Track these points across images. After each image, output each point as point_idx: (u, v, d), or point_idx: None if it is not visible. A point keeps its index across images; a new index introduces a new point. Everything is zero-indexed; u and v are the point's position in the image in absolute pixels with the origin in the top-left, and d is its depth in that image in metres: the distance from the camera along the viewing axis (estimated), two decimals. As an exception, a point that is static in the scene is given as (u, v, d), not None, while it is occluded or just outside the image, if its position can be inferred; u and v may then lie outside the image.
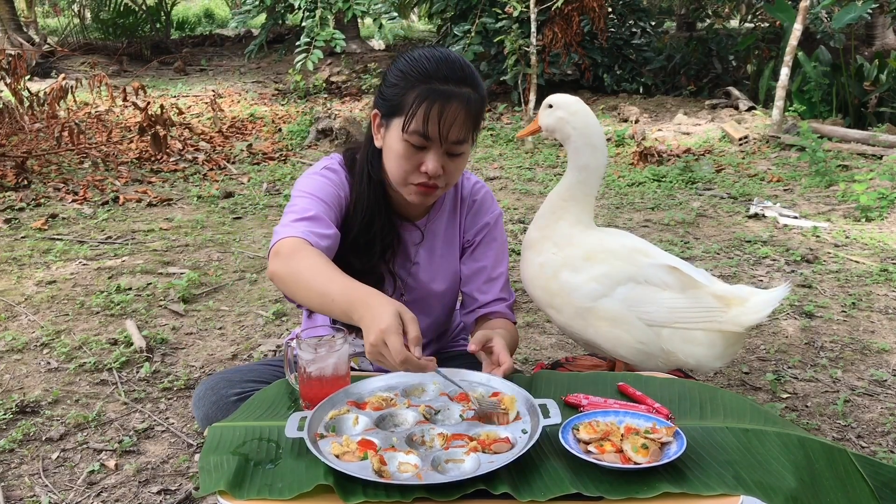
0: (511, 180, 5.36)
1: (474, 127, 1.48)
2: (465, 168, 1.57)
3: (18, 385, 2.50)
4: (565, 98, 1.84)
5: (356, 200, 1.56)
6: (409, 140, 1.43)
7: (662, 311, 1.71)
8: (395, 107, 1.45)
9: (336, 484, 1.08)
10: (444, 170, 1.46)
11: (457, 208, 1.72)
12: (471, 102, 1.43)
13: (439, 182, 1.47)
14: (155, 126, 5.78)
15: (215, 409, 1.50)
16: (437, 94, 1.40)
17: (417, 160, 1.45)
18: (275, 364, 1.68)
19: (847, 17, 6.69)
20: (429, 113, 1.40)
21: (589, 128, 1.79)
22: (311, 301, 1.33)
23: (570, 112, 1.80)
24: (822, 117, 6.77)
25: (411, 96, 1.42)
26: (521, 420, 1.24)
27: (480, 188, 1.74)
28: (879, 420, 2.28)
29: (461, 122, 1.43)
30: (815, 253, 3.69)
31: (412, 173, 1.46)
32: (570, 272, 1.74)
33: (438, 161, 1.44)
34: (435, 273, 1.67)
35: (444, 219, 1.70)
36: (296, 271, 1.34)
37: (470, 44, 7.51)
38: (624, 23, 9.02)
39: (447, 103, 1.40)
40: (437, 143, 1.43)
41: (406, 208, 1.63)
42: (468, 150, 1.51)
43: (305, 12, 7.37)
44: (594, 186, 1.81)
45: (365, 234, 1.56)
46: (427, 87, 1.41)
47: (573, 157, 1.81)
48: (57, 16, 16.06)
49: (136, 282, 3.39)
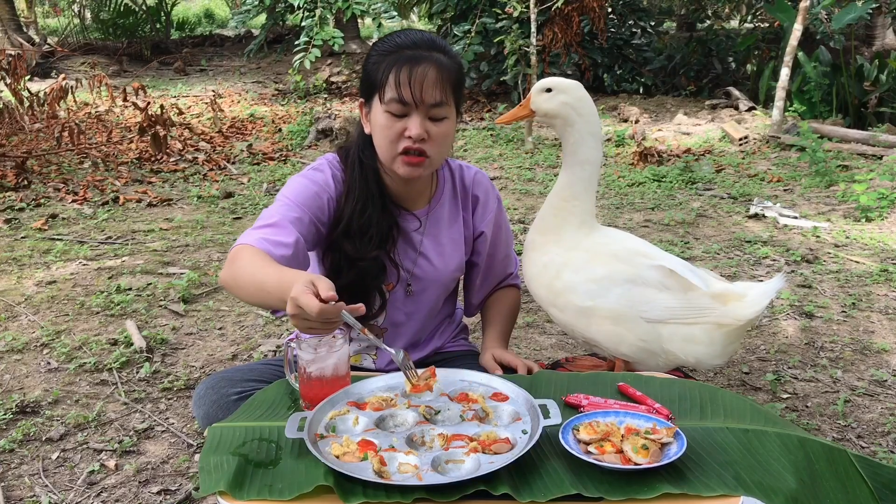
0: (511, 180, 5.36)
1: (453, 91, 1.49)
2: (452, 140, 1.57)
3: (18, 385, 2.50)
4: (567, 82, 1.74)
5: (348, 188, 1.58)
6: (389, 110, 1.47)
7: (658, 308, 1.71)
8: (372, 85, 1.49)
9: (336, 484, 1.08)
10: (428, 135, 1.47)
11: (458, 197, 1.72)
12: (442, 65, 1.47)
13: (425, 148, 1.48)
14: (155, 126, 5.78)
15: (216, 409, 1.50)
16: (405, 58, 1.45)
17: (401, 127, 1.47)
18: (275, 364, 1.68)
19: (847, 17, 6.69)
20: (400, 77, 1.44)
21: (593, 115, 1.72)
22: (253, 296, 1.37)
23: (576, 97, 1.71)
24: (822, 117, 6.77)
25: (385, 68, 1.46)
26: (520, 420, 1.24)
27: (481, 179, 1.76)
28: (879, 420, 2.28)
29: (434, 83, 1.45)
30: (815, 253, 3.69)
31: (397, 142, 1.48)
32: (572, 272, 1.74)
33: (421, 125, 1.46)
34: (440, 263, 1.69)
35: (445, 207, 1.70)
36: (236, 274, 1.39)
37: (470, 44, 7.51)
38: (624, 23, 9.02)
39: (416, 65, 1.44)
40: (415, 107, 1.46)
41: (405, 197, 1.63)
42: (451, 117, 1.52)
43: (305, 12, 7.37)
44: (594, 181, 1.76)
45: (358, 220, 1.56)
46: (396, 56, 1.46)
47: (573, 150, 1.73)
48: (57, 16, 16.06)
49: (136, 282, 3.39)
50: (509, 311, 1.85)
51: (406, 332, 1.72)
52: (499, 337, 1.78)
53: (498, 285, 1.87)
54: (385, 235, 1.59)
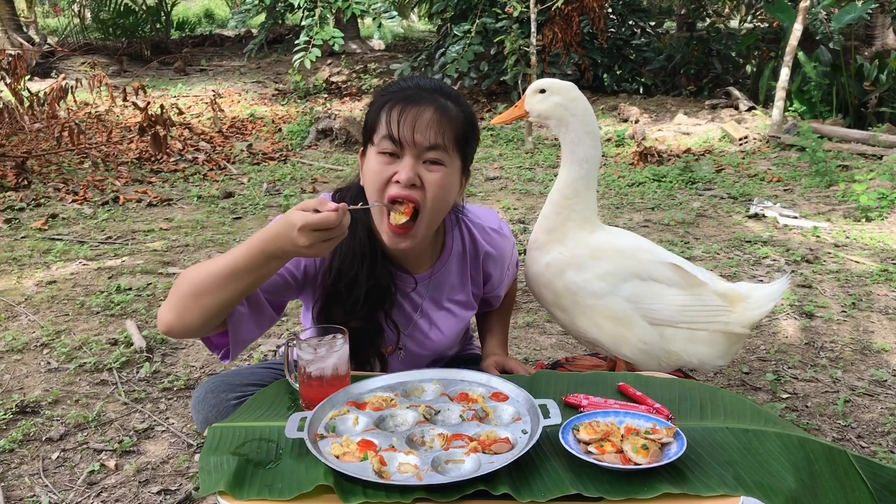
0: (511, 180, 5.36)
1: (455, 140, 1.38)
2: (451, 193, 1.42)
3: (18, 385, 2.50)
4: (561, 83, 1.74)
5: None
6: (381, 149, 1.36)
7: (669, 309, 1.71)
8: (370, 130, 1.41)
9: (336, 484, 1.08)
10: (420, 181, 1.35)
11: (467, 261, 1.61)
12: (444, 109, 1.36)
13: (416, 197, 1.35)
14: (155, 126, 5.78)
15: (215, 413, 1.49)
16: (403, 98, 1.37)
17: (390, 171, 1.35)
18: (275, 367, 1.67)
19: (847, 17, 6.69)
20: (391, 115, 1.34)
21: (588, 115, 1.72)
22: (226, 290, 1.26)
23: (570, 98, 1.71)
24: (822, 117, 6.77)
25: (379, 109, 1.38)
26: (520, 420, 1.24)
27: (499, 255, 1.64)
28: (879, 420, 2.28)
29: (430, 125, 1.34)
30: (815, 253, 3.69)
31: (384, 189, 1.35)
32: (575, 271, 1.73)
33: (412, 168, 1.34)
34: (440, 331, 1.61)
35: (451, 272, 1.59)
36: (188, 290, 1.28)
37: (470, 44, 7.51)
38: (624, 23, 9.01)
39: (412, 104, 1.35)
40: (408, 149, 1.34)
41: (404, 259, 1.53)
42: (452, 169, 1.39)
43: (305, 11, 7.37)
44: (594, 178, 1.76)
45: (344, 278, 1.46)
46: (392, 95, 1.39)
47: (571, 148, 1.73)
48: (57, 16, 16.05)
49: (136, 282, 3.39)
50: (506, 313, 1.85)
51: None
52: (499, 343, 1.78)
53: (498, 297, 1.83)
54: (380, 297, 1.48)
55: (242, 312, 1.37)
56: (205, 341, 1.44)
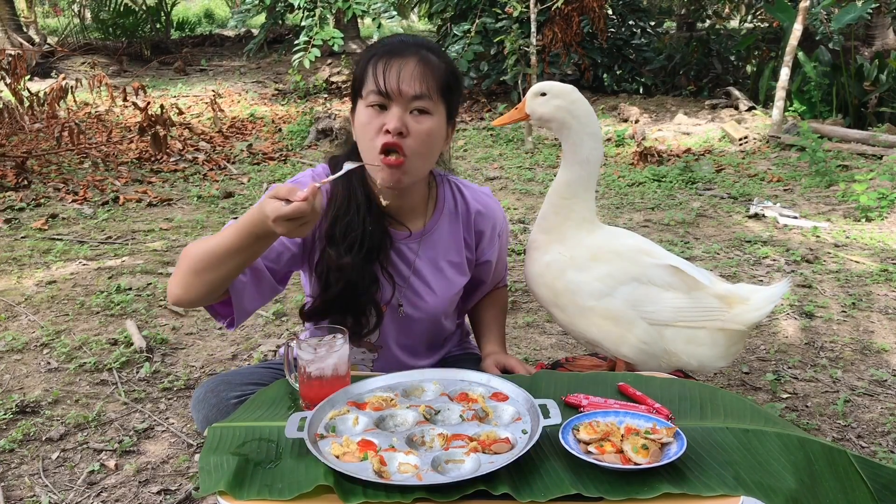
0: (511, 180, 5.36)
1: (440, 90, 1.44)
2: (438, 142, 1.49)
3: (18, 385, 2.50)
4: (561, 86, 1.74)
5: (332, 193, 1.54)
6: (370, 103, 1.43)
7: (666, 310, 1.71)
8: (355, 86, 1.48)
9: (336, 484, 1.08)
10: (407, 129, 1.41)
11: (460, 220, 1.66)
12: (428, 61, 1.43)
13: (404, 145, 1.41)
14: (155, 126, 5.78)
15: (215, 412, 1.50)
16: (387, 51, 1.44)
17: (380, 122, 1.42)
18: (275, 366, 1.67)
19: (847, 17, 6.69)
20: (378, 68, 1.41)
21: (590, 117, 1.72)
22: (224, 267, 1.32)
23: (570, 101, 1.71)
24: (822, 117, 6.77)
25: (365, 64, 1.45)
26: (520, 420, 1.24)
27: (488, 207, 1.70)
28: (879, 420, 2.28)
29: (415, 75, 1.41)
30: (815, 253, 3.69)
31: (375, 138, 1.42)
32: (575, 271, 1.74)
33: (399, 118, 1.40)
34: (437, 288, 1.63)
35: (444, 229, 1.64)
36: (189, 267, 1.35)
37: (470, 44, 7.51)
38: (624, 23, 9.01)
39: (396, 56, 1.42)
40: (395, 99, 1.41)
41: (397, 212, 1.58)
42: (438, 116, 1.45)
43: (305, 11, 7.37)
44: (594, 180, 1.76)
45: (340, 224, 1.51)
46: (376, 51, 1.46)
47: (572, 150, 1.73)
48: (57, 16, 16.04)
49: (136, 282, 3.39)
50: (502, 312, 1.85)
51: (401, 351, 1.68)
52: (497, 341, 1.77)
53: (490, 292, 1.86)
54: (375, 245, 1.53)
55: (244, 282, 1.43)
56: (209, 310, 1.49)
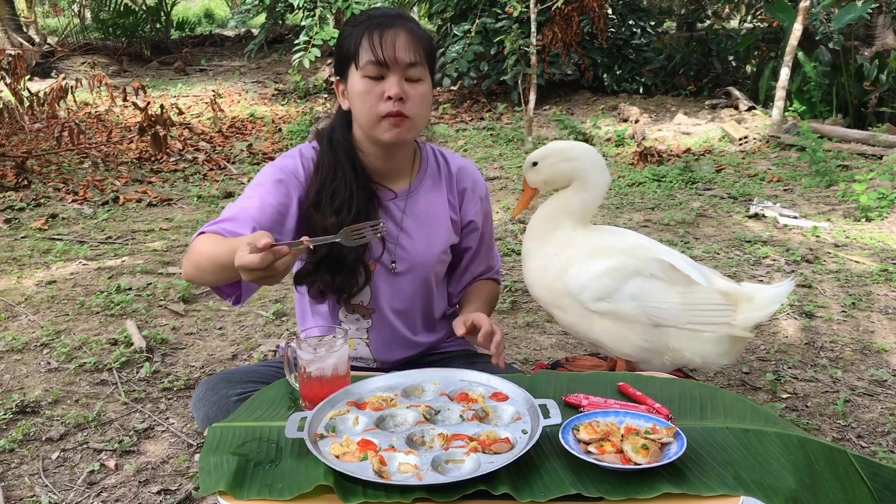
0: (511, 180, 5.36)
1: (425, 58, 1.54)
2: (429, 105, 1.59)
3: (18, 385, 2.50)
4: (546, 149, 1.83)
5: (318, 164, 1.61)
6: (366, 73, 1.50)
7: (673, 308, 1.71)
8: (346, 58, 1.54)
9: (336, 484, 1.08)
10: (406, 96, 1.51)
11: (442, 180, 1.73)
12: (413, 31, 1.53)
13: (404, 109, 1.51)
14: (155, 126, 5.78)
15: (216, 410, 1.50)
16: (376, 23, 1.51)
17: (379, 90, 1.51)
18: (276, 365, 1.68)
19: (847, 17, 6.69)
20: (373, 40, 1.49)
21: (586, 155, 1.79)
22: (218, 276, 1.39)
23: (563, 158, 1.79)
24: (822, 117, 6.77)
25: (356, 38, 1.51)
26: (520, 420, 1.24)
27: (468, 169, 1.78)
28: (879, 420, 2.28)
29: (407, 44, 1.50)
30: (815, 253, 3.69)
31: (377, 105, 1.51)
32: (577, 270, 1.74)
33: (399, 84, 1.50)
34: (424, 242, 1.68)
35: (428, 187, 1.71)
36: (196, 262, 1.43)
37: (470, 44, 7.50)
38: (624, 23, 9.01)
39: (388, 27, 1.50)
40: (392, 67, 1.50)
41: (384, 174, 1.65)
42: (427, 81, 1.55)
43: (305, 11, 7.36)
44: (599, 201, 1.83)
45: (327, 191, 1.57)
46: (367, 23, 1.52)
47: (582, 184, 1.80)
48: (57, 16, 16.03)
49: (136, 282, 3.39)
50: (488, 297, 1.83)
51: (394, 317, 1.69)
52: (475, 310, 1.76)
53: (480, 276, 1.86)
54: (361, 207, 1.58)
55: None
56: (214, 290, 1.52)
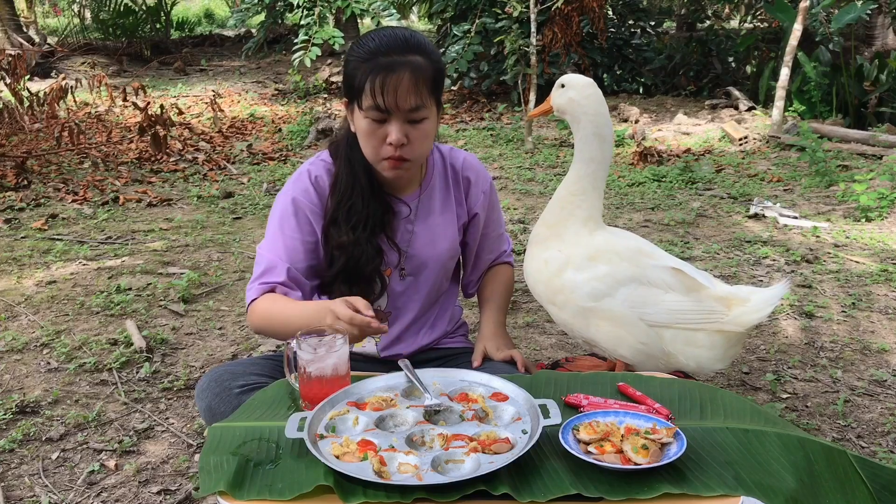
0: (511, 180, 5.36)
1: (431, 91, 1.52)
2: (433, 135, 1.60)
3: (18, 385, 2.50)
4: (578, 78, 1.76)
5: (335, 181, 1.65)
6: (369, 116, 1.51)
7: (663, 312, 1.71)
8: (353, 90, 1.53)
9: (336, 484, 1.08)
10: (408, 138, 1.52)
11: (449, 180, 1.77)
12: (419, 68, 1.49)
13: (405, 153, 1.53)
14: (155, 126, 5.78)
15: (219, 401, 1.51)
16: (380, 66, 1.47)
17: (382, 134, 1.51)
18: (277, 359, 1.68)
19: (846, 17, 6.69)
20: (375, 85, 1.47)
21: (599, 116, 1.73)
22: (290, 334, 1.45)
23: (583, 95, 1.73)
24: (822, 117, 6.77)
25: (361, 75, 1.49)
26: (520, 420, 1.24)
27: (472, 161, 1.81)
28: (879, 420, 2.28)
29: (410, 89, 1.48)
30: (815, 253, 3.69)
31: (379, 147, 1.53)
32: (573, 271, 1.73)
33: (400, 130, 1.50)
34: (432, 245, 1.72)
35: (436, 191, 1.75)
36: (270, 324, 1.58)
37: (470, 44, 7.50)
38: (624, 23, 9.01)
39: (391, 73, 1.47)
40: (394, 113, 1.49)
41: (396, 186, 1.69)
42: (431, 116, 1.55)
43: (304, 10, 7.36)
44: (602, 179, 1.77)
45: (343, 208, 1.62)
46: (372, 63, 1.48)
47: (580, 147, 1.74)
48: (57, 16, 16.03)
49: (136, 282, 3.39)
50: (504, 288, 1.89)
51: (407, 316, 1.76)
52: (494, 326, 1.80)
53: (493, 263, 1.92)
54: (378, 221, 1.64)
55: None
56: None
